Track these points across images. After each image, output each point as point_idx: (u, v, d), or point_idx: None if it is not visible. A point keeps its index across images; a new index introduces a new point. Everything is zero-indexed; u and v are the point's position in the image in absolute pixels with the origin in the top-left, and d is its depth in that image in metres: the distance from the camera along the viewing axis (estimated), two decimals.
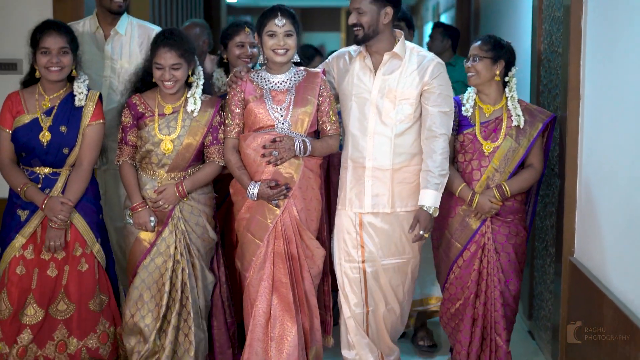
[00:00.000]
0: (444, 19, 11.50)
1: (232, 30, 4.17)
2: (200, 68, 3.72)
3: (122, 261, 4.06)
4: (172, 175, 3.66)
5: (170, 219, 3.65)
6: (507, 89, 3.70)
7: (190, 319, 3.61)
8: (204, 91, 3.72)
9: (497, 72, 3.66)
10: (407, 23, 4.34)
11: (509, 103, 3.69)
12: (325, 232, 3.77)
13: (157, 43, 3.62)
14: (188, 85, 3.69)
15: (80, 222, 3.62)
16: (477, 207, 3.65)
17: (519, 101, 3.70)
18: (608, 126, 3.22)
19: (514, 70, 3.68)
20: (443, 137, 3.58)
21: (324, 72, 3.71)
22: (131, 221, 3.65)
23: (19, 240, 3.58)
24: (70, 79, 3.67)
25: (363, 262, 3.68)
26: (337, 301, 3.79)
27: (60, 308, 3.60)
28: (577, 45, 3.61)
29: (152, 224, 3.61)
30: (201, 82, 3.69)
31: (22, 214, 3.61)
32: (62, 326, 3.61)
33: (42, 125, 3.58)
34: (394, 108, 3.60)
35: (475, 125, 3.72)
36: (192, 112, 3.64)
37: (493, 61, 3.65)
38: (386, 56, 3.61)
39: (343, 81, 3.71)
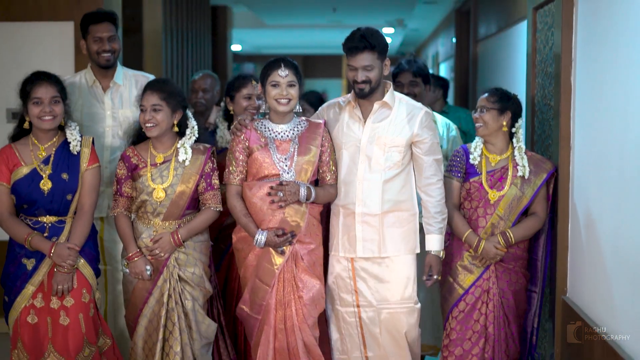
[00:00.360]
0: (444, 67, 11.90)
1: (240, 82, 4.20)
2: (194, 122, 3.78)
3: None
4: (168, 224, 3.69)
5: (165, 268, 3.68)
6: (514, 140, 3.83)
7: None
8: (204, 140, 3.79)
9: (504, 123, 3.80)
10: (424, 79, 4.50)
11: (516, 153, 3.81)
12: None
13: (144, 88, 3.71)
14: (179, 134, 3.74)
15: (86, 269, 3.66)
16: (483, 253, 3.75)
17: (525, 151, 3.84)
18: (595, 175, 3.46)
19: (520, 121, 3.82)
20: (440, 183, 3.70)
21: (325, 123, 3.77)
22: (127, 270, 3.69)
23: (30, 289, 3.58)
24: (60, 127, 3.70)
25: (358, 306, 3.72)
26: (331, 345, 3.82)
27: (85, 354, 3.64)
28: (567, 98, 3.83)
29: (148, 272, 3.65)
30: (195, 136, 3.74)
31: (28, 263, 3.61)
32: None
33: (41, 174, 3.60)
34: (383, 155, 3.66)
35: (481, 173, 3.83)
36: (184, 161, 3.68)
37: (500, 112, 3.79)
38: (376, 105, 3.68)
39: (333, 130, 3.77)
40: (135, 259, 3.66)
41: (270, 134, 3.66)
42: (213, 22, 10.22)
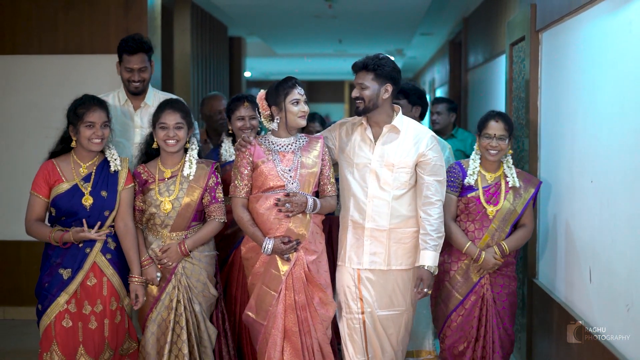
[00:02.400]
0: (439, 93, 12.48)
1: (234, 104, 4.23)
2: (194, 139, 3.90)
3: None
4: (175, 235, 3.82)
5: (173, 275, 3.81)
6: (504, 160, 4.01)
7: None
8: (211, 156, 4.02)
9: (510, 146, 4.01)
10: (409, 99, 4.65)
11: (506, 169, 3.98)
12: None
13: (162, 107, 3.83)
14: (185, 150, 3.88)
15: (115, 279, 3.76)
16: (483, 264, 3.89)
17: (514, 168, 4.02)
18: (554, 178, 4.22)
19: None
20: (439, 203, 3.75)
21: (323, 138, 3.86)
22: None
23: (64, 297, 3.67)
24: None
25: (362, 313, 3.80)
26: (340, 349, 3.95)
27: (106, 357, 3.77)
28: (535, 119, 4.57)
29: (158, 278, 3.80)
30: (196, 147, 3.87)
31: (65, 273, 3.68)
32: None
33: (83, 190, 3.69)
34: (391, 175, 3.75)
35: (478, 189, 3.95)
36: (189, 175, 3.81)
37: (509, 139, 3.97)
38: (385, 128, 3.77)
39: (345, 148, 3.85)
40: (147, 265, 3.79)
41: (274, 147, 3.76)
42: (230, 52, 10.97)
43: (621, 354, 3.11)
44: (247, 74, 15.32)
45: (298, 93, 3.70)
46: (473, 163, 3.98)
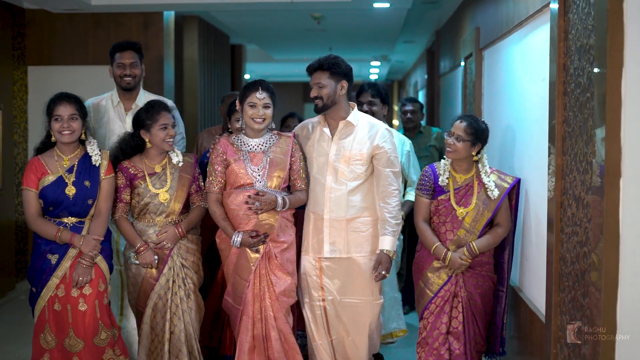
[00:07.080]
0: (421, 94, 13.25)
1: (234, 107, 4.16)
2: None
3: None
4: (169, 220, 3.88)
5: (170, 257, 3.87)
6: (479, 165, 3.82)
7: (190, 340, 3.89)
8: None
9: (474, 153, 3.81)
10: (382, 99, 4.73)
11: (483, 177, 3.79)
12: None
13: (158, 109, 3.84)
14: None
15: (103, 264, 3.80)
16: (450, 264, 3.78)
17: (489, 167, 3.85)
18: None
19: (484, 148, 3.86)
20: (396, 192, 3.78)
21: (294, 135, 3.90)
22: (137, 262, 3.86)
23: (54, 281, 3.70)
24: (82, 142, 3.82)
25: (323, 300, 3.85)
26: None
27: (102, 337, 3.78)
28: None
29: (156, 261, 3.85)
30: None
31: (52, 258, 3.72)
32: (109, 349, 3.80)
33: (66, 181, 3.72)
34: (347, 167, 3.77)
35: (449, 191, 3.83)
36: (178, 163, 3.89)
37: (472, 144, 3.78)
38: (341, 124, 3.80)
39: (305, 146, 3.88)
40: (144, 251, 3.83)
41: (245, 147, 3.78)
42: (232, 58, 11.55)
43: (529, 299, 3.87)
44: (246, 77, 16.05)
45: (257, 97, 3.67)
46: (444, 163, 3.89)
